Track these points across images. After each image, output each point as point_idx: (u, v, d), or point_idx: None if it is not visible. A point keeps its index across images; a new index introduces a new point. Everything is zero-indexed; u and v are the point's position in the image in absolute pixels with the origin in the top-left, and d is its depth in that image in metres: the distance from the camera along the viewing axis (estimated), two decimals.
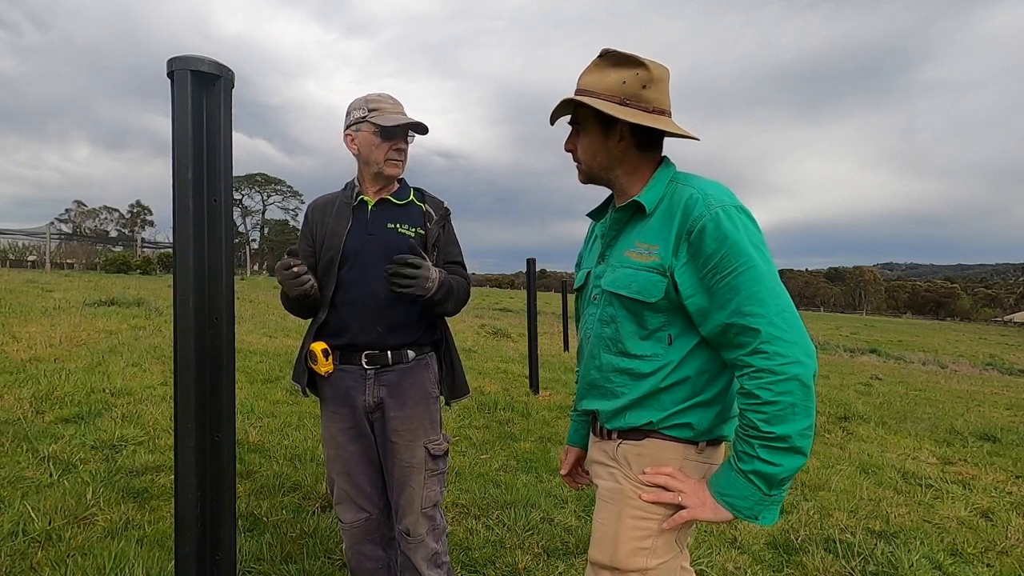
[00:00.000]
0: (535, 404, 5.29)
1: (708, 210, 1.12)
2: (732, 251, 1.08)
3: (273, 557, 2.34)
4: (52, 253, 27.29)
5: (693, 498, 1.15)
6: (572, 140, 1.30)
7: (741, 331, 1.07)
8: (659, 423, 1.20)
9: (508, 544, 2.59)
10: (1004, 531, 3.15)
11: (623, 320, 1.23)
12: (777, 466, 1.04)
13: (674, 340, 1.19)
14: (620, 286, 1.22)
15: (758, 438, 1.05)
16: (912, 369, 13.34)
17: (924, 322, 64.74)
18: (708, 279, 1.11)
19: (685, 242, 1.14)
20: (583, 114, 1.25)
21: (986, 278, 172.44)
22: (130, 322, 7.92)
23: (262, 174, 68.90)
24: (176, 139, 1.05)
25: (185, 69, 1.05)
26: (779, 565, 2.61)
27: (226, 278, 1.09)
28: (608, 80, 1.19)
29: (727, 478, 1.12)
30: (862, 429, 5.49)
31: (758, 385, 1.04)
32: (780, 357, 1.03)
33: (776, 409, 1.03)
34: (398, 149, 1.75)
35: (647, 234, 1.21)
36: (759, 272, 1.08)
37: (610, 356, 1.26)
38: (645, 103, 1.20)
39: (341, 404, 1.80)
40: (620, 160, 1.25)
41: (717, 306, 1.10)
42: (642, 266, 1.19)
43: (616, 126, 1.22)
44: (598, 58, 1.24)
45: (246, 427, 3.92)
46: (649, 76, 1.19)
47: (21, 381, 4.48)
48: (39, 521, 2.43)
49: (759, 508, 1.09)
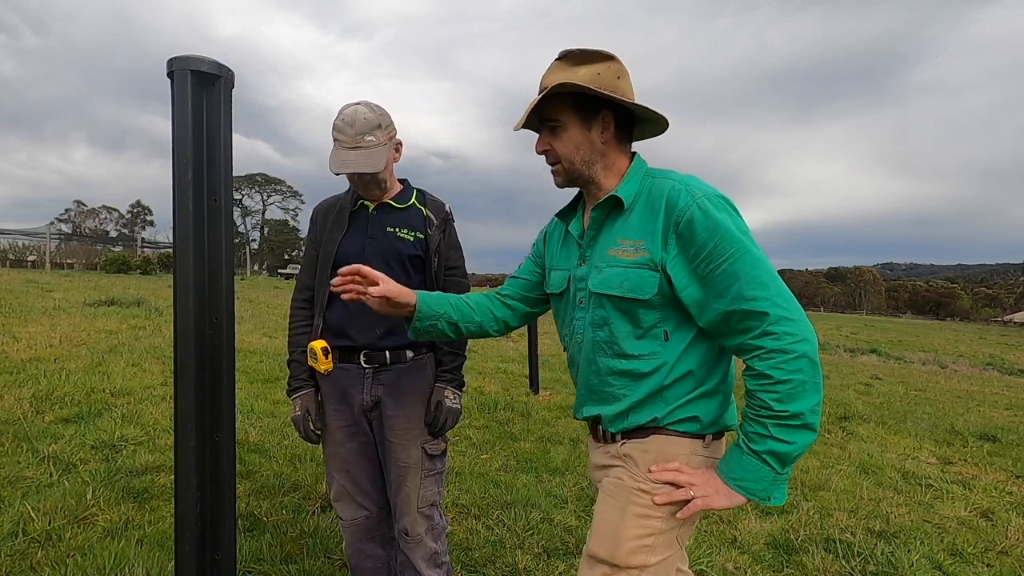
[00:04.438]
0: (535, 404, 5.29)
1: (694, 200, 1.12)
2: (725, 238, 1.08)
3: (273, 557, 2.34)
4: (52, 253, 27.28)
5: (705, 487, 1.14)
6: (545, 140, 1.25)
7: (745, 316, 1.06)
8: (664, 419, 1.19)
9: (508, 544, 2.59)
10: (1004, 531, 3.15)
11: (616, 321, 1.21)
12: (791, 444, 1.06)
13: (670, 335, 1.18)
14: (611, 286, 1.19)
15: (772, 417, 1.06)
16: (912, 369, 13.34)
17: (924, 322, 64.74)
18: (702, 269, 1.10)
19: (673, 234, 1.13)
20: (558, 110, 1.21)
21: (986, 278, 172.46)
22: (130, 322, 7.92)
23: (262, 174, 68.92)
24: (176, 139, 1.05)
25: (185, 69, 1.04)
26: (779, 565, 2.61)
27: (226, 278, 1.09)
28: (580, 74, 1.17)
29: (739, 462, 1.11)
30: (862, 429, 5.49)
31: (771, 366, 1.05)
32: (789, 336, 1.04)
33: (789, 388, 1.04)
34: (363, 183, 1.72)
35: (629, 230, 1.19)
36: (755, 256, 1.08)
37: (607, 359, 1.23)
38: (622, 93, 1.19)
39: (340, 402, 1.80)
40: (602, 153, 1.24)
41: (715, 295, 1.10)
42: (631, 263, 1.17)
43: (598, 116, 1.20)
44: (559, 60, 1.21)
45: (246, 427, 3.92)
46: (620, 68, 1.20)
47: (21, 381, 4.48)
48: (39, 521, 2.43)
49: (771, 488, 1.10)
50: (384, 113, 1.71)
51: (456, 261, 1.88)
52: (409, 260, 1.76)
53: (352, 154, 1.64)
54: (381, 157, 1.66)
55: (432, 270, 1.80)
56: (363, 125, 1.64)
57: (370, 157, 1.65)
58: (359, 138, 1.64)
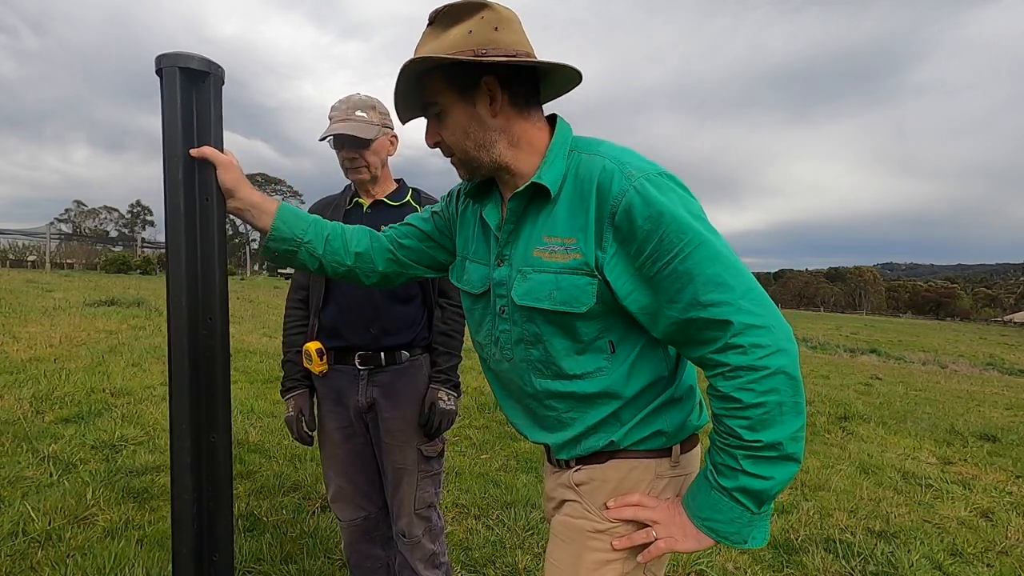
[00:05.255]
0: None
1: (630, 183, 0.88)
2: (672, 228, 0.86)
3: (273, 557, 2.34)
4: (52, 253, 27.30)
5: (669, 527, 0.95)
6: (433, 130, 1.02)
7: (704, 325, 0.85)
8: (622, 441, 1.00)
9: (508, 544, 2.59)
10: (1004, 531, 3.15)
11: (550, 337, 0.98)
12: (767, 480, 0.85)
13: (616, 346, 0.97)
14: (539, 298, 0.95)
15: (742, 448, 0.85)
16: (912, 369, 13.33)
17: (924, 322, 64.72)
18: (647, 268, 0.89)
19: (609, 227, 0.90)
20: (434, 91, 0.98)
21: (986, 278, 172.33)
22: (130, 322, 7.92)
23: (262, 174, 68.97)
24: (166, 137, 1.04)
25: (174, 66, 1.03)
26: (779, 565, 2.61)
27: (219, 277, 1.08)
28: (450, 38, 0.93)
29: (706, 499, 0.91)
30: (862, 429, 5.48)
31: (737, 387, 0.84)
32: (759, 349, 0.83)
33: (761, 413, 0.83)
34: (350, 158, 1.72)
35: (556, 225, 0.95)
36: (711, 248, 0.86)
37: (544, 381, 1.01)
38: (504, 48, 0.93)
39: (335, 404, 1.80)
40: (500, 129, 0.98)
41: (666, 300, 0.88)
42: (561, 267, 0.94)
43: (481, 86, 0.95)
44: (429, 25, 0.97)
45: (246, 427, 3.92)
46: (498, 16, 0.94)
47: (21, 381, 4.48)
48: (39, 521, 2.43)
49: (747, 530, 0.89)
50: (380, 102, 1.76)
51: None
52: None
53: (341, 124, 1.68)
54: (371, 131, 1.69)
55: None
56: (357, 103, 1.71)
57: (359, 127, 1.68)
58: (351, 112, 1.70)
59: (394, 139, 1.79)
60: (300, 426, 1.80)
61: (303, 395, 1.83)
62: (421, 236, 1.26)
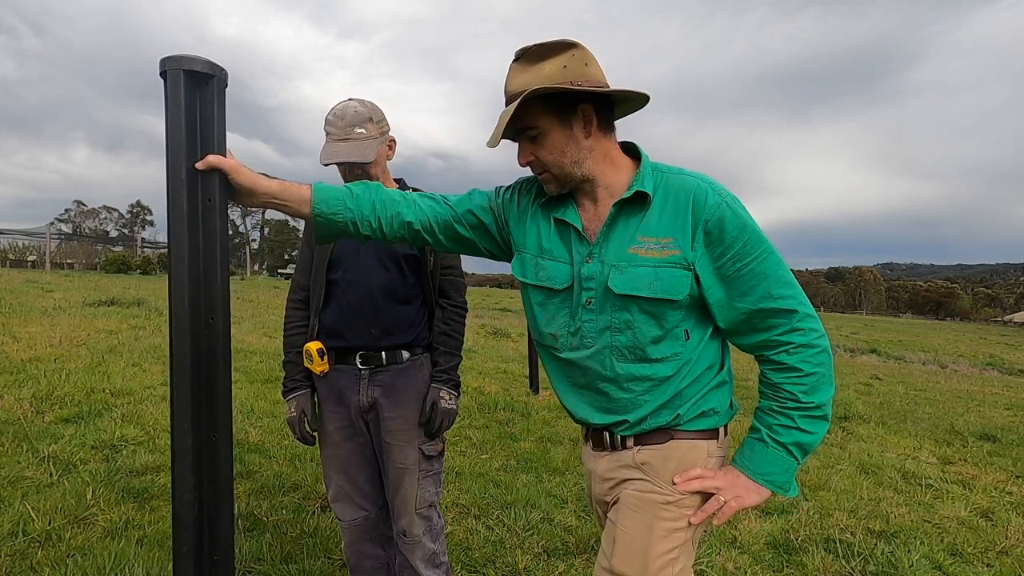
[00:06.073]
0: (535, 404, 5.29)
1: (723, 199, 1.11)
2: (753, 238, 1.11)
3: (273, 557, 2.34)
4: (52, 253, 27.30)
5: (734, 488, 1.15)
6: (527, 150, 1.17)
7: (772, 314, 1.11)
8: (684, 417, 1.18)
9: (508, 544, 2.59)
10: (1004, 531, 3.15)
11: (642, 324, 1.15)
12: (813, 434, 1.12)
13: (690, 334, 1.17)
14: (638, 287, 1.12)
15: (799, 408, 1.11)
16: (912, 369, 13.33)
17: (924, 322, 64.70)
18: (726, 267, 1.11)
19: (701, 233, 1.11)
20: (533, 116, 1.12)
21: (986, 278, 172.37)
22: (130, 322, 7.93)
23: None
24: (170, 139, 1.04)
25: (178, 69, 1.03)
26: (779, 565, 2.61)
27: (221, 278, 1.08)
28: (545, 71, 1.09)
29: (763, 456, 1.15)
30: (862, 429, 5.49)
31: (800, 359, 1.10)
32: (814, 332, 1.11)
33: (814, 380, 1.11)
34: (353, 174, 1.71)
35: (650, 226, 1.13)
36: (777, 255, 1.13)
37: (627, 364, 1.17)
38: (594, 80, 1.11)
39: (336, 403, 1.80)
40: (590, 148, 1.15)
41: (739, 293, 1.12)
42: (661, 262, 1.12)
43: (577, 112, 1.12)
44: (516, 61, 1.13)
45: (246, 427, 3.92)
46: (585, 54, 1.11)
47: (21, 381, 4.49)
48: (39, 521, 2.43)
49: (791, 479, 1.15)
50: (375, 108, 1.72)
51: (452, 260, 1.87)
52: (405, 259, 1.76)
53: (342, 145, 1.66)
54: (371, 149, 1.68)
55: (428, 269, 1.80)
56: (353, 118, 1.67)
57: (360, 148, 1.66)
58: (349, 130, 1.66)
59: (392, 143, 1.78)
60: (303, 427, 1.80)
61: (305, 395, 1.83)
62: (478, 226, 1.34)
